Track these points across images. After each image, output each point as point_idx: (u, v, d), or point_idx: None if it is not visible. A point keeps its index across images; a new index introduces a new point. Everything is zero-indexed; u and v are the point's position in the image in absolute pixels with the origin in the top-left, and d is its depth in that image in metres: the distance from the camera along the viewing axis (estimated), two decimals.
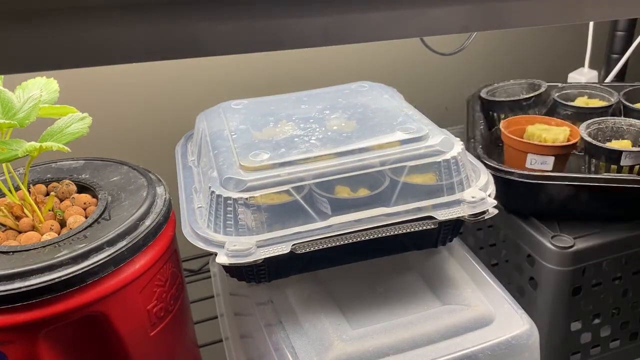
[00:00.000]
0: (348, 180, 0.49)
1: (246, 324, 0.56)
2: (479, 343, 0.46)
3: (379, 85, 0.66)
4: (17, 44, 0.25)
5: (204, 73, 0.81)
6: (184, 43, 0.27)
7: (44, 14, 0.24)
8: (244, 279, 0.52)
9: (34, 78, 0.52)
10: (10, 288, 0.41)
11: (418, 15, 0.31)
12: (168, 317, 0.51)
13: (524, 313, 0.50)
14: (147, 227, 0.48)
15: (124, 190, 0.53)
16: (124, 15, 0.26)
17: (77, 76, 0.74)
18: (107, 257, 0.44)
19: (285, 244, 0.46)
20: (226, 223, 0.47)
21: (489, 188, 0.51)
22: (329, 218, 0.47)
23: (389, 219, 0.48)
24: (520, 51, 0.93)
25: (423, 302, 0.51)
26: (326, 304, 0.51)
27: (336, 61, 0.88)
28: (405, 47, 0.91)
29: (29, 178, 0.55)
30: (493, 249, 0.67)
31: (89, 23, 0.25)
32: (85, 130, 0.50)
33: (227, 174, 0.48)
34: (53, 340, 0.44)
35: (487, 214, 0.48)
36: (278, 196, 0.47)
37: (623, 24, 0.88)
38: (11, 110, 0.47)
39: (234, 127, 0.56)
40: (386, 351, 0.46)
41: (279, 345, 0.47)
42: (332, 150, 0.50)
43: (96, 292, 0.44)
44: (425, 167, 0.50)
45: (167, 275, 0.50)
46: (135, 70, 0.78)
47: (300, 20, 0.28)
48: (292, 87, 0.70)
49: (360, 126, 0.55)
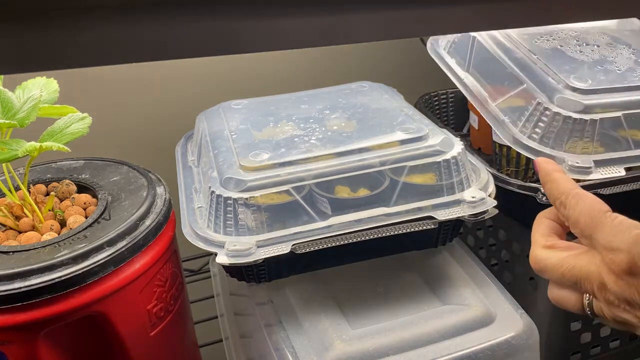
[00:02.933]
0: (348, 180, 0.49)
1: (246, 324, 0.56)
2: (479, 343, 0.46)
3: (379, 85, 0.66)
4: (17, 44, 0.25)
5: (204, 73, 0.81)
6: (185, 43, 0.27)
7: (44, 14, 0.24)
8: (244, 278, 0.52)
9: (34, 78, 0.52)
10: (10, 288, 0.41)
11: (418, 15, 0.31)
12: (168, 317, 0.51)
13: (524, 313, 0.50)
14: (147, 227, 0.48)
15: (124, 190, 0.53)
16: (124, 15, 0.26)
17: (77, 76, 0.74)
18: (107, 257, 0.44)
19: (285, 244, 0.46)
20: (226, 223, 0.47)
21: (489, 188, 0.51)
22: (329, 218, 0.47)
23: (389, 219, 0.48)
24: None
25: (423, 302, 0.51)
26: (326, 304, 0.51)
27: (336, 61, 0.88)
28: (405, 47, 0.91)
29: (29, 178, 0.55)
30: (493, 249, 0.67)
31: (89, 23, 0.25)
32: (85, 130, 0.50)
33: (227, 174, 0.48)
34: (53, 340, 0.44)
35: (487, 214, 0.48)
36: (278, 196, 0.47)
37: None
38: (11, 110, 0.47)
39: (234, 127, 0.56)
40: (386, 351, 0.46)
41: (279, 345, 0.47)
42: (332, 150, 0.50)
43: (96, 292, 0.44)
44: (425, 167, 0.50)
45: (167, 275, 0.50)
46: (136, 70, 0.78)
47: (301, 20, 0.28)
48: (292, 87, 0.70)
49: (360, 126, 0.55)
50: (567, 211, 0.40)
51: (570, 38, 0.58)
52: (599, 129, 0.49)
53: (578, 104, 0.49)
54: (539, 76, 0.52)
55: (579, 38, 0.58)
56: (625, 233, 0.37)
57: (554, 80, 0.51)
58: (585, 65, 0.54)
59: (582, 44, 0.57)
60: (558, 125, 0.49)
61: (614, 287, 0.37)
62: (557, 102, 0.49)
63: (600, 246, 0.38)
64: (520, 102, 0.52)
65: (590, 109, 0.49)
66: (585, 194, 0.40)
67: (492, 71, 0.57)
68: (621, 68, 0.54)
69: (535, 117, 0.50)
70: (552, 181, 0.41)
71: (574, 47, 0.56)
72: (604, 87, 0.51)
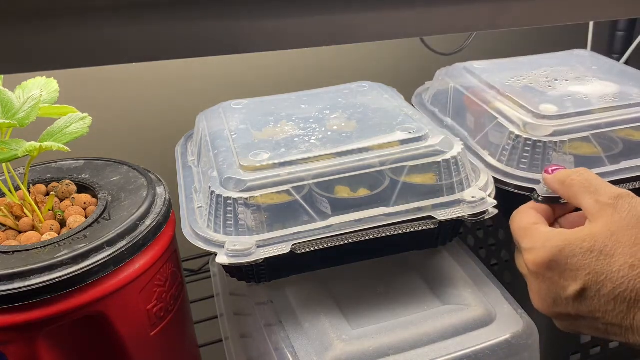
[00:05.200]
0: (348, 180, 0.49)
1: (246, 324, 0.56)
2: (479, 343, 0.46)
3: (379, 85, 0.66)
4: (17, 44, 0.25)
5: (204, 73, 0.81)
6: (185, 43, 0.27)
7: (44, 14, 0.24)
8: (244, 279, 0.52)
9: (34, 78, 0.52)
10: (10, 288, 0.41)
11: (418, 15, 0.31)
12: (168, 317, 0.51)
13: (524, 313, 0.50)
14: (147, 227, 0.48)
15: (124, 190, 0.53)
16: (125, 15, 0.26)
17: (77, 76, 0.74)
18: (107, 257, 0.44)
19: (285, 244, 0.45)
20: (226, 223, 0.47)
21: (489, 188, 0.51)
22: (329, 218, 0.47)
23: (388, 219, 0.48)
24: (520, 51, 0.93)
25: (423, 302, 0.51)
26: (326, 304, 0.51)
27: (336, 61, 0.88)
28: (405, 47, 0.92)
29: (29, 178, 0.55)
30: (493, 249, 0.67)
31: (89, 23, 0.25)
32: (85, 130, 0.51)
33: (227, 174, 0.48)
34: (53, 340, 0.44)
35: (487, 214, 0.48)
36: (278, 196, 0.47)
37: (623, 24, 0.88)
38: (11, 110, 0.47)
39: (234, 127, 0.56)
40: (386, 351, 0.46)
41: (279, 345, 0.47)
42: (332, 150, 0.50)
43: (96, 292, 0.44)
44: (425, 167, 0.50)
45: (167, 275, 0.50)
46: (136, 70, 0.78)
47: (301, 20, 0.28)
48: (292, 87, 0.70)
49: (360, 126, 0.55)
50: (511, 224, 0.47)
51: (541, 77, 0.64)
52: (571, 150, 0.53)
53: (547, 128, 0.53)
54: (511, 110, 0.57)
55: (548, 76, 0.64)
56: (542, 235, 0.42)
57: (524, 111, 0.56)
58: (553, 96, 0.59)
59: (551, 80, 0.63)
60: (530, 150, 0.53)
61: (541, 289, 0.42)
62: (529, 129, 0.54)
63: (524, 250, 0.43)
64: (496, 136, 0.57)
65: (559, 132, 0.53)
66: (526, 211, 0.46)
67: (469, 113, 0.63)
68: (588, 95, 0.59)
69: (510, 146, 0.54)
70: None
71: (543, 84, 0.62)
72: (570, 112, 0.55)
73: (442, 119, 0.66)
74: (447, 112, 0.66)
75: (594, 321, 0.40)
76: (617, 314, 0.38)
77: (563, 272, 0.40)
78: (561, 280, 0.40)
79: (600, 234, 0.39)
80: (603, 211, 0.40)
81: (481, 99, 0.61)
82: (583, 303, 0.39)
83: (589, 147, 0.53)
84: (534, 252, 0.42)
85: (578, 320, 0.41)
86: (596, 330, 0.40)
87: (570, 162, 0.52)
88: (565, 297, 0.40)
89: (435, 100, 0.69)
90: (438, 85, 0.70)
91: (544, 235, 0.42)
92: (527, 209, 0.47)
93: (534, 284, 0.43)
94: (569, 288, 0.39)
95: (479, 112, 0.60)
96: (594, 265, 0.38)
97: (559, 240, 0.40)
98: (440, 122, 0.66)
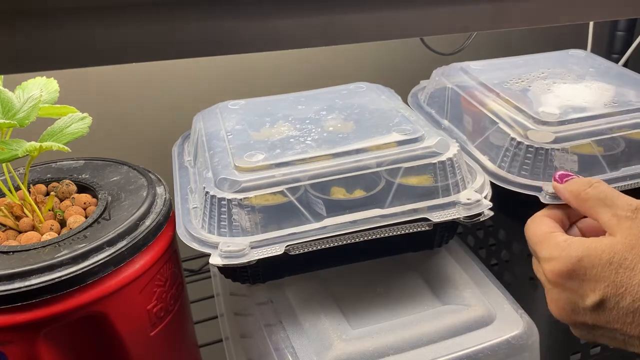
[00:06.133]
0: (344, 181, 0.48)
1: (246, 324, 0.56)
2: (479, 343, 0.46)
3: (376, 86, 0.66)
4: (17, 44, 0.25)
5: (204, 73, 0.81)
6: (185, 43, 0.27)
7: (44, 14, 0.24)
8: (238, 279, 0.52)
9: (34, 78, 0.52)
10: (10, 288, 0.41)
11: (418, 15, 0.31)
12: (168, 317, 0.51)
13: (524, 313, 0.50)
14: (147, 227, 0.48)
15: (124, 190, 0.53)
16: (125, 15, 0.26)
17: (77, 76, 0.74)
18: (107, 257, 0.44)
19: (279, 245, 0.45)
20: (220, 224, 0.46)
21: (484, 190, 0.51)
22: (323, 219, 0.47)
23: (383, 221, 0.47)
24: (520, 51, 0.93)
25: (423, 302, 0.51)
26: (326, 304, 0.51)
27: (334, 61, 0.88)
28: (405, 47, 0.91)
29: (29, 178, 0.55)
30: (493, 249, 0.67)
31: (88, 23, 0.25)
32: (85, 130, 0.51)
33: (221, 175, 0.48)
34: (53, 340, 0.44)
35: (483, 216, 0.48)
36: (273, 197, 0.47)
37: (623, 24, 0.88)
38: (11, 110, 0.47)
39: (230, 128, 0.56)
40: (386, 351, 0.46)
41: (279, 345, 0.47)
42: (328, 151, 0.50)
43: (96, 292, 0.44)
44: (420, 169, 0.49)
45: (167, 275, 0.50)
46: (136, 70, 0.78)
47: (300, 20, 0.28)
48: (290, 87, 0.70)
49: (357, 127, 0.55)
50: (526, 232, 0.46)
51: (538, 79, 0.64)
52: (571, 156, 0.53)
53: (549, 135, 0.53)
54: (511, 114, 0.57)
55: (546, 78, 0.64)
56: (560, 245, 0.42)
57: (524, 116, 0.56)
58: (552, 100, 0.59)
59: (549, 82, 0.62)
60: (532, 157, 0.53)
61: (559, 298, 0.42)
62: (530, 136, 0.53)
63: (542, 259, 0.43)
64: (496, 141, 0.57)
65: (561, 139, 0.53)
66: (541, 219, 0.46)
67: (467, 115, 0.62)
68: (588, 100, 0.58)
69: (511, 152, 0.54)
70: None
71: (542, 87, 0.61)
72: (571, 117, 0.55)
73: (440, 121, 0.66)
74: (444, 114, 0.66)
75: (612, 332, 0.39)
76: (635, 326, 0.38)
77: (582, 283, 0.39)
78: (580, 290, 0.40)
79: (619, 246, 0.39)
80: (621, 224, 0.40)
81: (479, 102, 0.60)
82: (601, 314, 0.39)
83: (589, 148, 0.53)
84: (552, 262, 0.41)
85: (596, 330, 0.41)
86: (614, 341, 0.40)
87: (574, 161, 0.52)
88: (583, 307, 0.40)
89: (432, 101, 0.69)
90: (434, 85, 0.69)
91: (561, 245, 0.41)
92: (542, 217, 0.46)
93: (552, 293, 0.43)
94: (587, 298, 0.39)
95: (477, 116, 0.60)
96: (614, 277, 0.38)
97: (577, 250, 0.40)
98: (438, 124, 0.66)
